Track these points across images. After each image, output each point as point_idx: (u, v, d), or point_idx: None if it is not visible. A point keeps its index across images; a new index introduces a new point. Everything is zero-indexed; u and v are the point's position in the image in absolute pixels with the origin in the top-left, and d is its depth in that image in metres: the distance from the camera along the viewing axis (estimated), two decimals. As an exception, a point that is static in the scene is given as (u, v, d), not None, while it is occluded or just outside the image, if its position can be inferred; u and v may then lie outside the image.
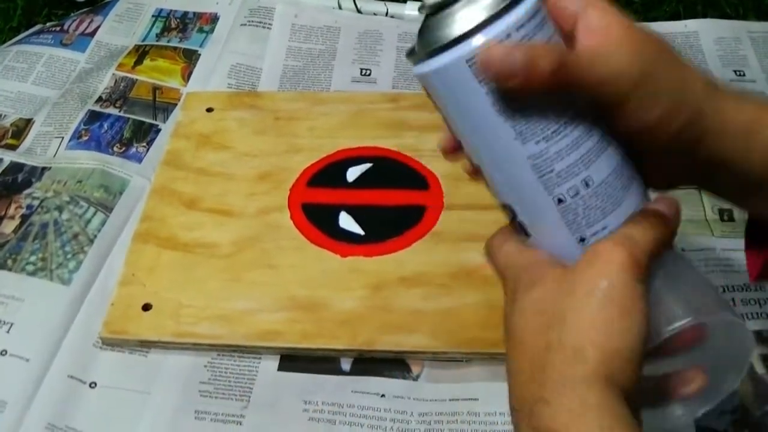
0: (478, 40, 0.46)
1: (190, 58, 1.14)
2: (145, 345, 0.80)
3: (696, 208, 0.90)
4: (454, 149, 0.53)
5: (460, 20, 0.46)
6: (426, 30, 0.48)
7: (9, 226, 0.90)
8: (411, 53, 0.49)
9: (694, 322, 0.49)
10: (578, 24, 0.48)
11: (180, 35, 1.17)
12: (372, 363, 0.79)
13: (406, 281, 0.83)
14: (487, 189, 0.52)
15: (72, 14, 1.24)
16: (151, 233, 0.89)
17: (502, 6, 0.46)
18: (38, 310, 0.83)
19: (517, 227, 0.52)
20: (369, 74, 1.11)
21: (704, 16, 1.18)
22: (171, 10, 1.22)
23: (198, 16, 1.21)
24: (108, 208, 0.92)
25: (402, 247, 0.86)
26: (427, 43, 0.47)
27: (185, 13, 1.21)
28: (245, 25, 1.17)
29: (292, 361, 0.79)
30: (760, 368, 0.75)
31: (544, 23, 0.47)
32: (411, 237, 0.87)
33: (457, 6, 0.46)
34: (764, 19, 1.17)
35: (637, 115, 0.48)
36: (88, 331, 0.81)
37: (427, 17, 0.48)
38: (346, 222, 0.89)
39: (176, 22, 1.20)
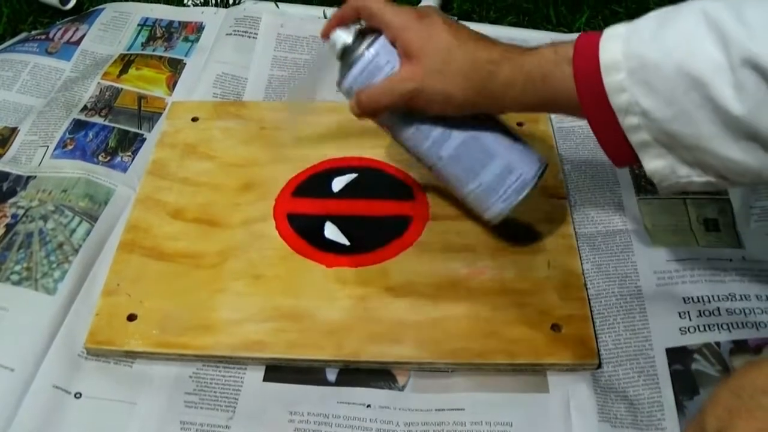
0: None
1: (176, 67, 1.14)
2: (130, 355, 0.80)
3: (681, 217, 0.90)
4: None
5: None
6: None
7: (-7, 236, 0.90)
8: None
9: None
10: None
11: (165, 44, 1.17)
12: (357, 373, 0.79)
13: (391, 291, 0.83)
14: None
15: (57, 22, 1.24)
16: (135, 243, 0.88)
17: (350, 62, 0.75)
18: (23, 319, 0.82)
19: None
20: (355, 84, 1.10)
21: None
22: (156, 19, 1.22)
23: (183, 25, 1.21)
24: (93, 218, 0.92)
25: (387, 258, 0.86)
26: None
27: (171, 23, 1.21)
28: (231, 34, 1.17)
29: (278, 371, 0.79)
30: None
31: (378, 67, 0.74)
32: (396, 247, 0.87)
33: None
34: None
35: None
36: (73, 342, 0.81)
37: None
38: (332, 232, 0.89)
39: (161, 32, 1.20)
